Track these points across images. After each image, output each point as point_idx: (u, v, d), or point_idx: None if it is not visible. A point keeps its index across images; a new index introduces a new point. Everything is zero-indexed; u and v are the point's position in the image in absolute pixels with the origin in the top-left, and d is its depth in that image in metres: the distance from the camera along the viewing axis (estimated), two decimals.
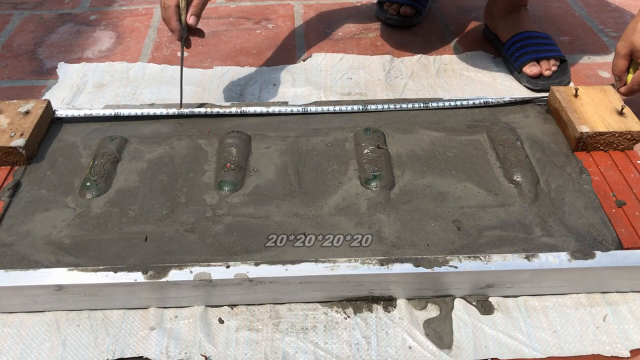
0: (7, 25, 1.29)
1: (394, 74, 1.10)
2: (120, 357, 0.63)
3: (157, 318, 0.66)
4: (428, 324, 0.66)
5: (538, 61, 1.06)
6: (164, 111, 0.92)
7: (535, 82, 1.04)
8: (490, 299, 0.69)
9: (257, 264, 0.66)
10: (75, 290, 0.65)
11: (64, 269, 0.66)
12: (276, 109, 0.93)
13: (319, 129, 0.89)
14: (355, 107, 0.94)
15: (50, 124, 0.89)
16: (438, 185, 0.78)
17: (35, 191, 0.78)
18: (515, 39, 1.08)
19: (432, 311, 0.68)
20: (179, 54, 1.18)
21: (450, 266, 0.66)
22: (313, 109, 0.93)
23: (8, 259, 0.69)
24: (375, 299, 0.68)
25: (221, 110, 0.92)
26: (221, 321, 0.67)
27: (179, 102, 0.93)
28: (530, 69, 1.05)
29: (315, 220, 0.73)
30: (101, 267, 0.66)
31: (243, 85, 1.07)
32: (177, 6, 0.83)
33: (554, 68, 1.06)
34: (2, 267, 0.67)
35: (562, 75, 1.05)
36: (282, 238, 0.71)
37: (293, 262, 0.67)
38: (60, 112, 0.92)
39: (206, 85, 1.07)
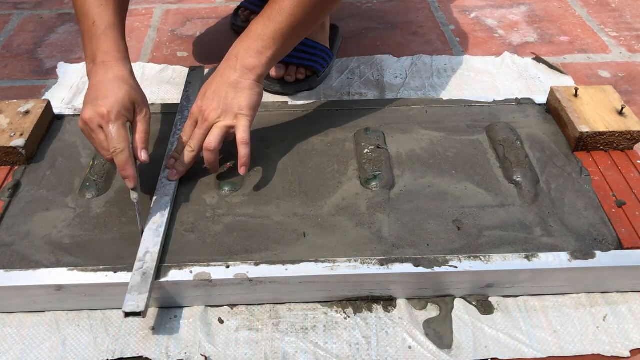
0: (7, 25, 1.29)
1: (394, 74, 1.10)
2: (120, 357, 0.63)
3: (157, 318, 0.66)
4: (428, 324, 0.66)
5: (286, 65, 1.04)
6: (164, 111, 0.92)
7: (268, 83, 1.02)
8: (490, 299, 0.69)
9: (257, 264, 0.66)
10: (75, 290, 0.65)
11: (64, 269, 0.66)
12: (276, 109, 0.93)
13: (319, 129, 0.89)
14: (355, 107, 0.94)
15: (50, 123, 0.89)
16: (438, 185, 0.78)
17: (35, 191, 0.78)
18: None
19: (432, 311, 0.68)
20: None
21: (450, 266, 0.66)
22: (313, 109, 0.93)
23: (8, 259, 0.68)
24: (375, 299, 0.68)
25: None
26: (221, 321, 0.67)
27: (178, 102, 0.93)
28: (276, 70, 1.03)
29: (315, 220, 0.73)
30: (101, 267, 0.66)
31: None
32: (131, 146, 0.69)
33: (299, 76, 1.04)
34: (2, 267, 0.67)
35: (305, 86, 1.04)
36: (283, 237, 0.71)
37: (293, 262, 0.67)
38: (60, 112, 0.92)
39: None
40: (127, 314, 0.60)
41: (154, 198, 0.74)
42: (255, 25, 0.76)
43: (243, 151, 0.75)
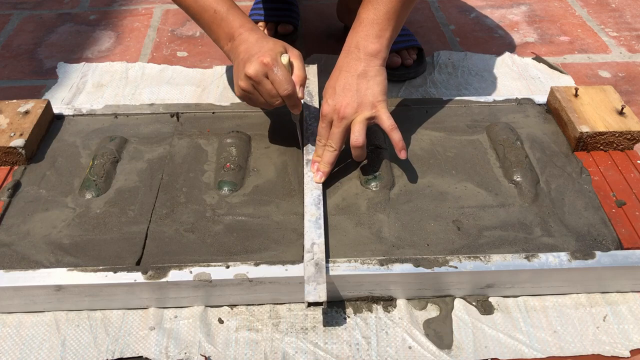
0: (7, 25, 1.29)
1: None
2: (119, 357, 0.63)
3: (157, 318, 0.66)
4: (428, 324, 0.66)
5: (398, 52, 1.07)
6: (163, 111, 0.92)
7: (393, 73, 1.06)
8: (490, 299, 0.69)
9: (257, 264, 0.66)
10: (75, 290, 0.65)
11: (64, 269, 0.66)
12: (276, 109, 0.93)
13: None
14: None
15: (49, 124, 0.89)
16: (438, 185, 0.78)
17: (35, 191, 0.78)
18: None
19: (432, 311, 0.68)
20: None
21: (450, 266, 0.66)
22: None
23: (8, 259, 0.68)
24: (375, 299, 0.68)
25: (221, 110, 0.92)
26: (221, 321, 0.67)
27: (180, 102, 0.93)
28: (392, 60, 1.06)
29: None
30: (101, 267, 0.66)
31: None
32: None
33: (414, 57, 1.08)
34: (2, 267, 0.67)
35: (419, 65, 1.09)
36: (283, 237, 0.71)
37: (293, 262, 0.67)
38: (60, 112, 0.92)
39: (206, 85, 1.07)
40: (310, 304, 0.61)
41: (305, 193, 0.75)
42: (365, 12, 0.76)
43: (396, 137, 0.75)
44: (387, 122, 0.75)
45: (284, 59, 0.74)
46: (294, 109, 0.76)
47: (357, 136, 0.75)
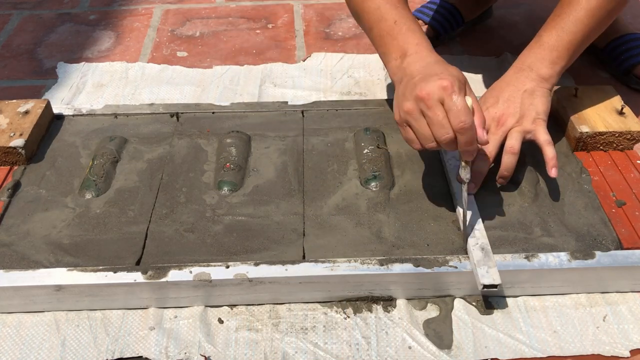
0: (7, 25, 1.29)
1: None
2: (119, 357, 0.63)
3: (157, 318, 0.66)
4: (428, 324, 0.66)
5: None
6: (163, 111, 0.92)
7: None
8: (490, 299, 0.69)
9: (256, 264, 0.66)
10: (75, 290, 0.65)
11: (64, 269, 0.66)
12: (276, 109, 0.93)
13: (319, 129, 0.89)
14: (355, 107, 0.93)
15: (49, 123, 0.89)
16: (438, 185, 0.78)
17: (34, 191, 0.78)
18: (620, 41, 1.07)
19: (432, 311, 0.68)
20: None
21: (450, 266, 0.66)
22: (313, 108, 0.93)
23: (8, 259, 0.68)
24: (375, 299, 0.68)
25: (221, 110, 0.92)
26: (221, 321, 0.67)
27: (180, 102, 0.93)
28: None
29: (315, 220, 0.73)
30: (101, 267, 0.66)
31: (243, 85, 1.07)
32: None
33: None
34: (2, 267, 0.67)
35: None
36: (282, 237, 0.71)
37: (293, 262, 0.67)
38: (60, 112, 0.92)
39: (206, 85, 1.07)
40: (485, 286, 0.63)
41: (457, 184, 0.75)
42: (548, 36, 0.76)
43: (550, 153, 0.73)
44: (544, 135, 0.74)
45: (468, 101, 0.63)
46: (467, 155, 0.64)
47: (514, 143, 0.74)
